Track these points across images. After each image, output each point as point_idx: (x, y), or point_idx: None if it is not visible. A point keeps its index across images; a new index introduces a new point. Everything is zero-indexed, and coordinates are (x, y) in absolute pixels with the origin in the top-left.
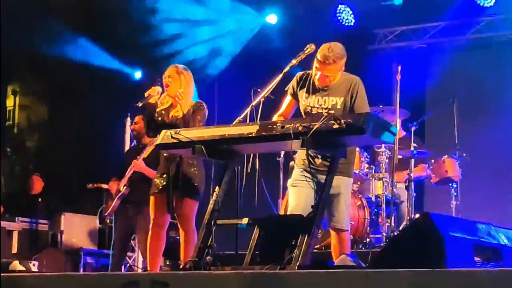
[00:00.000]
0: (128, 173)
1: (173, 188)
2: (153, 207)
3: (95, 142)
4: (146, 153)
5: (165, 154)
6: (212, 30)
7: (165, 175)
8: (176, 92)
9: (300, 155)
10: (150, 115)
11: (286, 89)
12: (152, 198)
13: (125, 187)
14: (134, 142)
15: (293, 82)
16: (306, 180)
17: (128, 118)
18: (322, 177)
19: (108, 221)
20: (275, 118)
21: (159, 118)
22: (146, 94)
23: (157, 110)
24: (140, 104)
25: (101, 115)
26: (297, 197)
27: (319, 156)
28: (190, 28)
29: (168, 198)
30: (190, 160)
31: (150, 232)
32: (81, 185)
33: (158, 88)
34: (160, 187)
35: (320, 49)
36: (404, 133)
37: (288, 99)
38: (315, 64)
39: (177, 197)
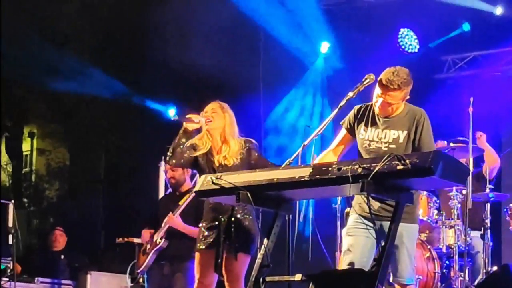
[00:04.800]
0: (165, 226)
1: (225, 242)
2: (198, 265)
3: (124, 190)
4: (183, 206)
5: (211, 204)
6: None
7: (214, 228)
8: (221, 130)
9: (356, 199)
10: (180, 141)
11: (341, 122)
12: (197, 255)
13: (162, 239)
14: (170, 189)
15: (350, 116)
16: (363, 228)
17: (162, 162)
18: (382, 223)
19: (141, 280)
20: (323, 153)
21: (202, 162)
22: (188, 116)
23: (198, 154)
24: (176, 118)
25: (130, 158)
26: (352, 247)
27: (378, 200)
28: None
29: (217, 254)
30: (245, 207)
31: None
32: (109, 240)
33: (202, 119)
34: (210, 242)
35: (384, 73)
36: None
37: (342, 133)
38: (377, 90)
39: (229, 253)
